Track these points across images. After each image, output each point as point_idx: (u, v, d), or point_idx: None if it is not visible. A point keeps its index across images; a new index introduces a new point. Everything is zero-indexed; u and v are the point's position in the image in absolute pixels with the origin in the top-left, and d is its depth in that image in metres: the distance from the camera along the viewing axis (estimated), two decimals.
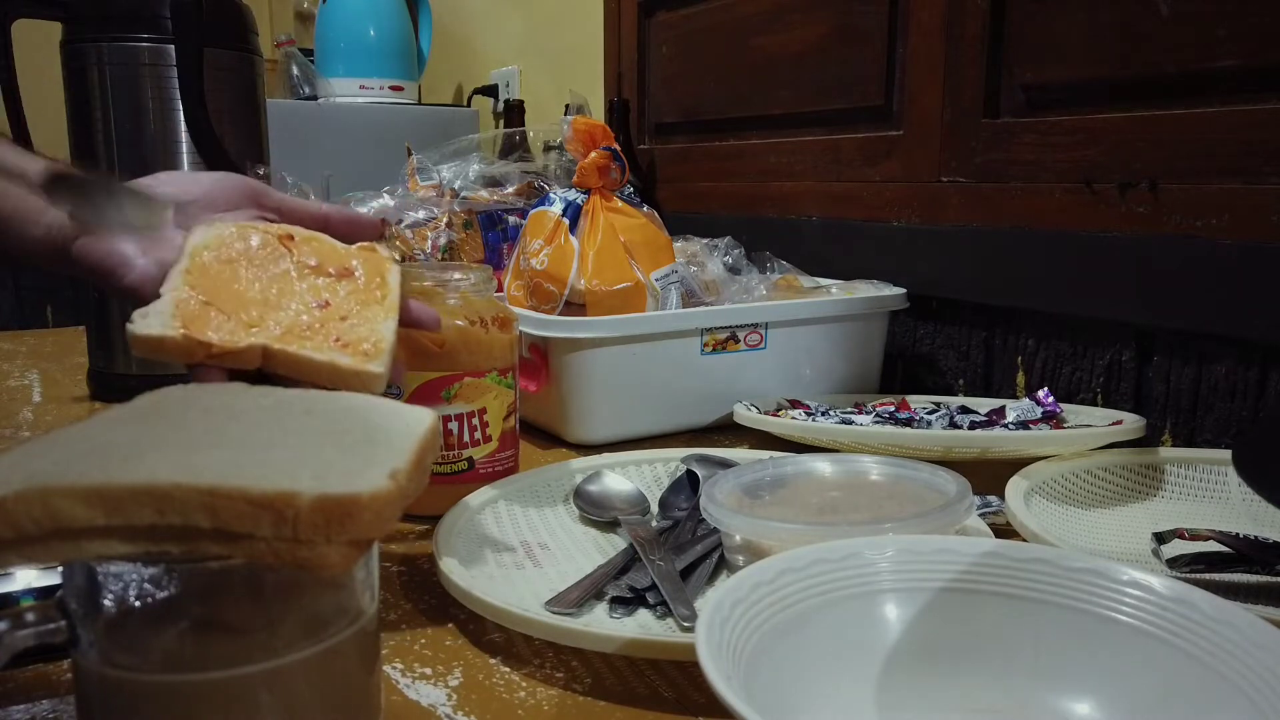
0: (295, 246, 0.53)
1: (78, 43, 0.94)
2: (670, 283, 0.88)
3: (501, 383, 0.65)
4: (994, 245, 0.89)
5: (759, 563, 0.40)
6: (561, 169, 1.14)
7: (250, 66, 1.00)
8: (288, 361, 0.47)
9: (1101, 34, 0.79)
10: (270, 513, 0.28)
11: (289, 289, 0.50)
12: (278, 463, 0.30)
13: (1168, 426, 0.79)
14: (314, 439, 0.33)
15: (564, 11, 1.66)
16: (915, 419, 0.79)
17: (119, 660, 0.31)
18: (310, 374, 0.47)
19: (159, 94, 0.94)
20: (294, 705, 0.32)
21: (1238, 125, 0.71)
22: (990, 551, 0.42)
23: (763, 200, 1.18)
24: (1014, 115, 0.88)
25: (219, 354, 0.46)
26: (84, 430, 0.33)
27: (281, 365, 0.47)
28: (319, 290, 0.51)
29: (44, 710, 0.43)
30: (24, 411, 0.95)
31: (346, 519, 0.29)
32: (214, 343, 0.46)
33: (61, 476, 0.28)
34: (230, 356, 0.46)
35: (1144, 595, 0.38)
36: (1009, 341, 0.91)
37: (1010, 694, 0.39)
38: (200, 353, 0.46)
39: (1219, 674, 0.35)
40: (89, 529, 0.28)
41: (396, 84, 1.90)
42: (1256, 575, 0.53)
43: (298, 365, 0.47)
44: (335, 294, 0.51)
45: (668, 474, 0.70)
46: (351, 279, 0.52)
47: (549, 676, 0.46)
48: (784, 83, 1.15)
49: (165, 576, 0.31)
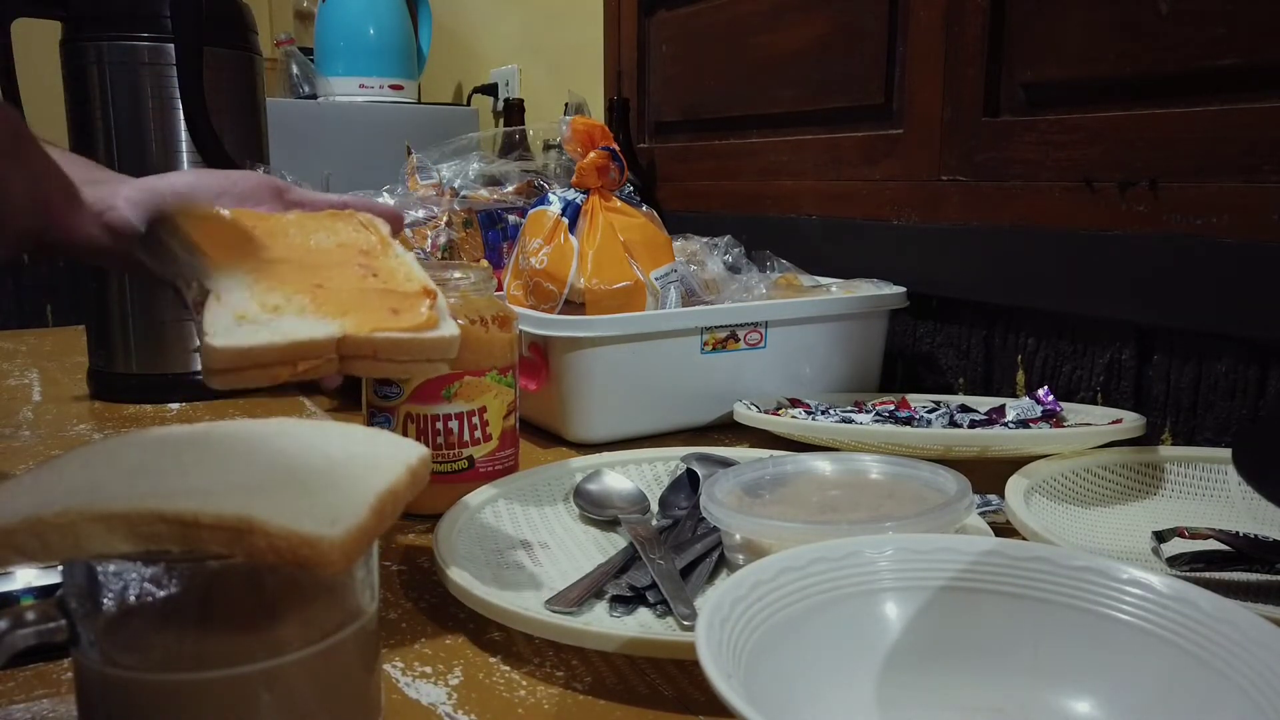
0: (289, 226, 0.51)
1: (78, 42, 0.94)
2: (670, 282, 0.88)
3: (501, 381, 0.65)
4: (994, 244, 0.89)
5: (759, 561, 0.40)
6: (561, 168, 1.14)
7: (250, 65, 1.00)
8: (367, 350, 0.43)
9: (1101, 33, 0.79)
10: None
11: (320, 261, 0.47)
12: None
13: (1168, 425, 0.79)
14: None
15: (564, 10, 1.66)
16: (915, 418, 0.79)
17: (119, 659, 0.31)
18: (388, 357, 0.43)
19: (159, 93, 0.94)
20: (294, 704, 0.32)
21: (1238, 124, 0.71)
22: (990, 550, 0.42)
23: (763, 199, 1.18)
24: (1014, 114, 0.88)
25: (305, 351, 0.42)
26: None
27: (360, 353, 0.43)
28: (348, 261, 0.48)
29: (44, 709, 0.43)
30: (24, 411, 0.95)
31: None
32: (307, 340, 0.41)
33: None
34: (310, 354, 0.42)
35: (1144, 594, 0.38)
36: (1009, 340, 0.91)
37: (1010, 692, 0.39)
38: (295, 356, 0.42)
39: (1219, 672, 0.35)
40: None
41: (396, 83, 1.90)
42: (1257, 574, 0.53)
43: (377, 350, 0.43)
44: (361, 261, 0.48)
45: (668, 473, 0.70)
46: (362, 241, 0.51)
47: (549, 675, 0.46)
48: (784, 81, 1.15)
49: (165, 576, 0.31)
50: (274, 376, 0.41)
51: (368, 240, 0.52)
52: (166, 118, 0.94)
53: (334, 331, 0.42)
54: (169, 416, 0.94)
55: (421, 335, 0.44)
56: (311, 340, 0.42)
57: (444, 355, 0.44)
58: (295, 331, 0.42)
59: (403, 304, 0.45)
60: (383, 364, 0.44)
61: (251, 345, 0.40)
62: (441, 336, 0.44)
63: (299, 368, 0.41)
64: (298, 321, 0.42)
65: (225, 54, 0.97)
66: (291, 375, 0.42)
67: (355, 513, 0.30)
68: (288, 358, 0.41)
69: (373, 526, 0.31)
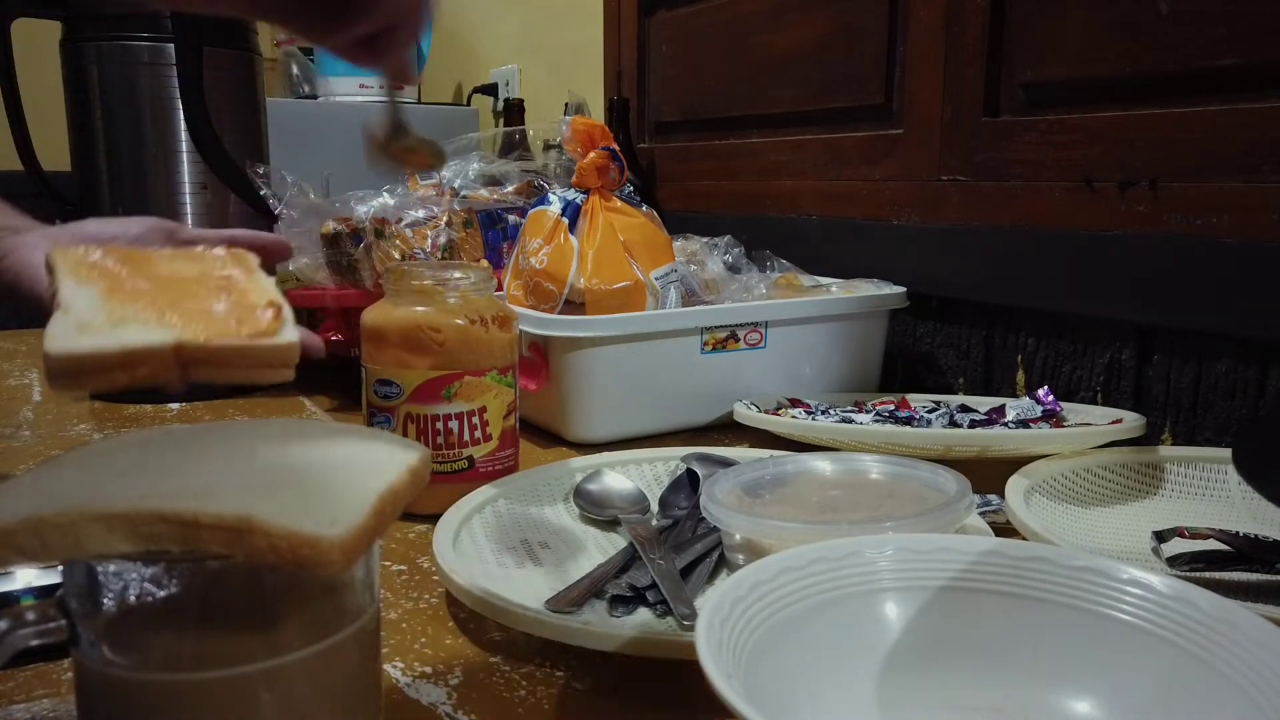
0: (157, 258, 0.53)
1: (77, 42, 0.94)
2: (670, 282, 0.88)
3: (501, 381, 0.65)
4: (994, 244, 0.89)
5: (759, 561, 0.40)
6: (561, 168, 1.14)
7: (250, 65, 1.00)
8: (203, 356, 0.44)
9: (1101, 32, 0.79)
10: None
11: (173, 284, 0.49)
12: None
13: (1168, 425, 0.79)
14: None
15: (564, 10, 1.66)
16: (915, 418, 0.79)
17: (119, 659, 0.31)
18: (225, 364, 0.45)
19: (159, 93, 0.94)
20: (294, 704, 0.32)
21: (1238, 124, 0.71)
22: (990, 550, 0.42)
23: (763, 199, 1.18)
24: (1014, 114, 0.88)
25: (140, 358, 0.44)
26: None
27: (199, 359, 0.45)
28: (205, 284, 0.50)
29: (44, 709, 0.43)
30: (24, 411, 0.95)
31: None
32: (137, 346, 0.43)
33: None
34: (147, 361, 0.44)
35: (1144, 593, 0.38)
36: (1009, 340, 0.91)
37: (1010, 693, 0.39)
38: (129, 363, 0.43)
39: (1219, 672, 0.35)
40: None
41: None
42: (1257, 574, 0.53)
43: (213, 357, 0.45)
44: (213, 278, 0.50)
45: (668, 473, 0.70)
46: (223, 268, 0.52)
47: (549, 675, 0.46)
48: (784, 81, 1.15)
49: (165, 576, 0.31)
50: (113, 381, 0.43)
51: (231, 268, 0.53)
52: (166, 118, 0.94)
53: (169, 338, 0.44)
54: (169, 416, 0.94)
55: (259, 342, 0.45)
56: (146, 346, 0.43)
57: (284, 361, 0.46)
58: (131, 339, 0.44)
59: (246, 315, 0.47)
60: (224, 370, 0.46)
61: (86, 351, 0.42)
62: (278, 344, 0.45)
63: (138, 373, 0.43)
64: (138, 330, 0.44)
65: (225, 54, 0.97)
66: (131, 380, 0.43)
67: (355, 513, 0.30)
68: (123, 363, 0.43)
69: (373, 526, 0.31)
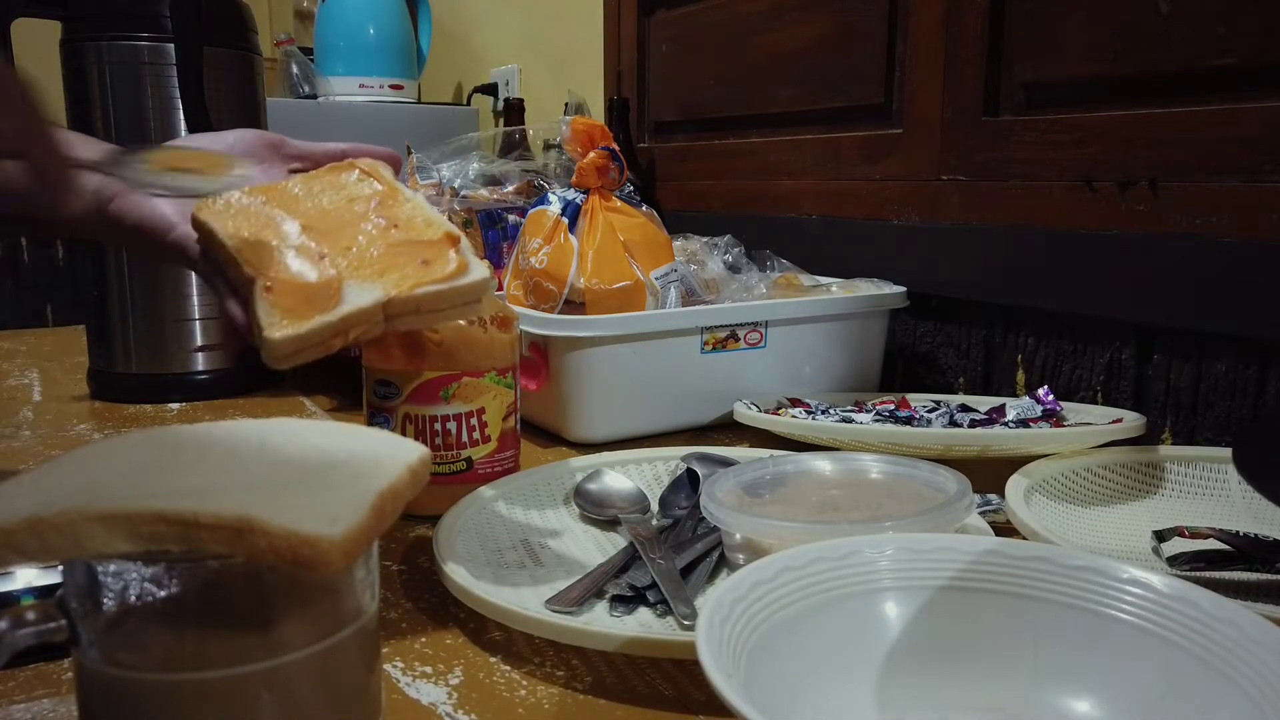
0: (298, 192, 0.52)
1: (77, 42, 0.94)
2: (670, 281, 0.88)
3: (500, 382, 0.65)
4: (994, 243, 0.89)
5: (759, 561, 0.40)
6: (561, 167, 1.14)
7: (250, 65, 1.00)
8: (410, 307, 0.45)
9: (1101, 32, 0.79)
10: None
11: (340, 224, 0.49)
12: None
13: (1168, 424, 0.79)
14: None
15: (564, 10, 1.66)
16: (915, 417, 0.79)
17: (119, 659, 0.31)
18: (429, 309, 0.45)
19: (159, 93, 0.94)
20: (294, 704, 0.32)
21: (1238, 123, 0.71)
22: (990, 550, 0.42)
23: (763, 198, 1.18)
24: (1014, 113, 0.88)
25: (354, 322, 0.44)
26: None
27: (404, 311, 0.45)
28: (365, 215, 0.49)
29: (44, 709, 0.43)
30: (24, 411, 0.95)
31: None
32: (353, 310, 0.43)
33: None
34: (361, 322, 0.44)
35: (1144, 593, 0.38)
36: (1009, 340, 0.91)
37: (1010, 692, 0.39)
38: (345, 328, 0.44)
39: (1219, 672, 0.35)
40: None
41: (396, 82, 1.90)
42: (1257, 573, 0.53)
43: (419, 305, 0.45)
44: (376, 213, 0.50)
45: (668, 472, 0.70)
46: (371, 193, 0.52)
47: (549, 675, 0.46)
48: (784, 81, 1.15)
49: (165, 576, 0.31)
50: (329, 348, 0.44)
51: (374, 189, 0.53)
52: (166, 118, 0.94)
53: (379, 296, 0.45)
54: (169, 416, 0.94)
55: (456, 283, 0.46)
56: (360, 310, 0.44)
57: (479, 298, 0.46)
58: (345, 308, 0.44)
59: (431, 253, 0.47)
60: (424, 316, 0.46)
61: (308, 330, 0.43)
62: (475, 281, 0.46)
63: (350, 336, 0.44)
64: (351, 295, 0.45)
65: (225, 54, 0.97)
66: (344, 343, 0.44)
67: (355, 513, 0.30)
68: (340, 330, 0.44)
69: (373, 526, 0.31)
